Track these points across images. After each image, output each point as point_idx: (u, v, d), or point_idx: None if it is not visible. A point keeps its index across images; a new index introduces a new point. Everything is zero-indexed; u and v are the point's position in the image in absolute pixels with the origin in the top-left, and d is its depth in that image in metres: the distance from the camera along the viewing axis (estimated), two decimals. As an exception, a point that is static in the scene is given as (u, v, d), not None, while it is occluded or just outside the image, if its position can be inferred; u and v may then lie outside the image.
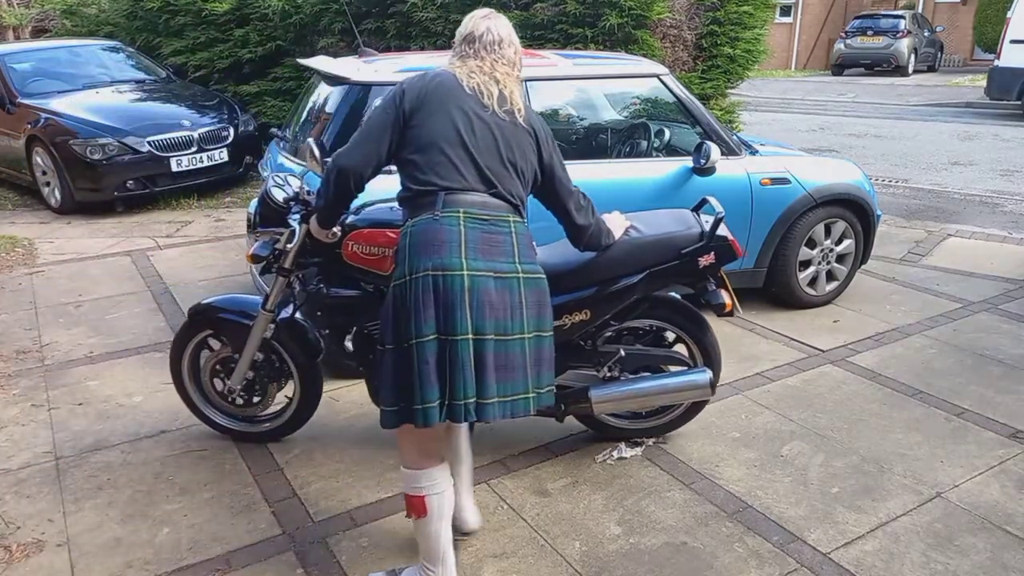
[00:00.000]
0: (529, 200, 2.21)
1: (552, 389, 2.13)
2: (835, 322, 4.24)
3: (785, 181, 4.07)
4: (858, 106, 13.88)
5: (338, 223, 2.41)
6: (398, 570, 2.31)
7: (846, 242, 4.38)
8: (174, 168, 6.65)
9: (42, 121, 6.64)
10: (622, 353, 2.80)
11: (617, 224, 2.58)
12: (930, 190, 7.51)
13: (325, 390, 3.06)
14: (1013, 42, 11.75)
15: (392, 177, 2.19)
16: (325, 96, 3.81)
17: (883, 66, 19.11)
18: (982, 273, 4.98)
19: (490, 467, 2.91)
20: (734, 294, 2.80)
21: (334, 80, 3.77)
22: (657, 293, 2.79)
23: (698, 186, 3.81)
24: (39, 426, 3.24)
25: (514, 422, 3.03)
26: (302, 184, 2.62)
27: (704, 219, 2.76)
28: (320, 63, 4.05)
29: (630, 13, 6.21)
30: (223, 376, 2.96)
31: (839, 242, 4.37)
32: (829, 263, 4.40)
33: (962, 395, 3.43)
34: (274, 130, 4.47)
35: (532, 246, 2.15)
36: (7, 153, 7.16)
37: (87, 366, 3.78)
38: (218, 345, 3.00)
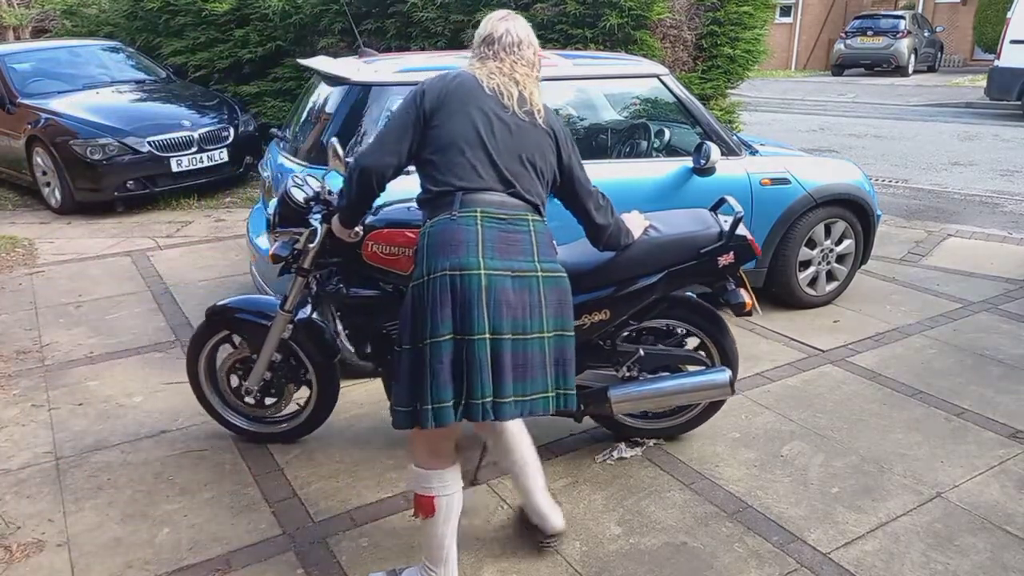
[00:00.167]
0: None
1: (573, 393, 2.12)
2: (835, 322, 4.24)
3: (785, 181, 4.07)
4: (858, 106, 13.88)
5: (360, 223, 2.42)
6: (398, 570, 2.31)
7: (846, 242, 4.38)
8: (174, 168, 6.65)
9: (42, 121, 6.65)
10: (641, 353, 2.80)
11: (636, 224, 2.59)
12: (930, 190, 7.51)
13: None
14: (1013, 42, 11.75)
15: (410, 177, 2.20)
16: (325, 96, 3.81)
17: (883, 66, 19.11)
18: (982, 273, 4.98)
19: (490, 467, 2.90)
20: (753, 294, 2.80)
21: (334, 80, 3.77)
22: (675, 293, 2.79)
23: (698, 186, 3.81)
24: (39, 426, 3.24)
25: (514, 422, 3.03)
26: (323, 184, 2.63)
27: (722, 219, 2.77)
28: (320, 63, 4.05)
29: (630, 13, 6.21)
30: (240, 377, 2.96)
31: (839, 242, 4.37)
32: (829, 263, 4.40)
33: (962, 395, 3.43)
34: (274, 130, 4.46)
35: (552, 245, 2.16)
36: (7, 153, 7.17)
37: (87, 366, 3.79)
38: (230, 349, 2.99)
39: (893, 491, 2.75)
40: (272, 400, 2.99)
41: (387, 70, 3.67)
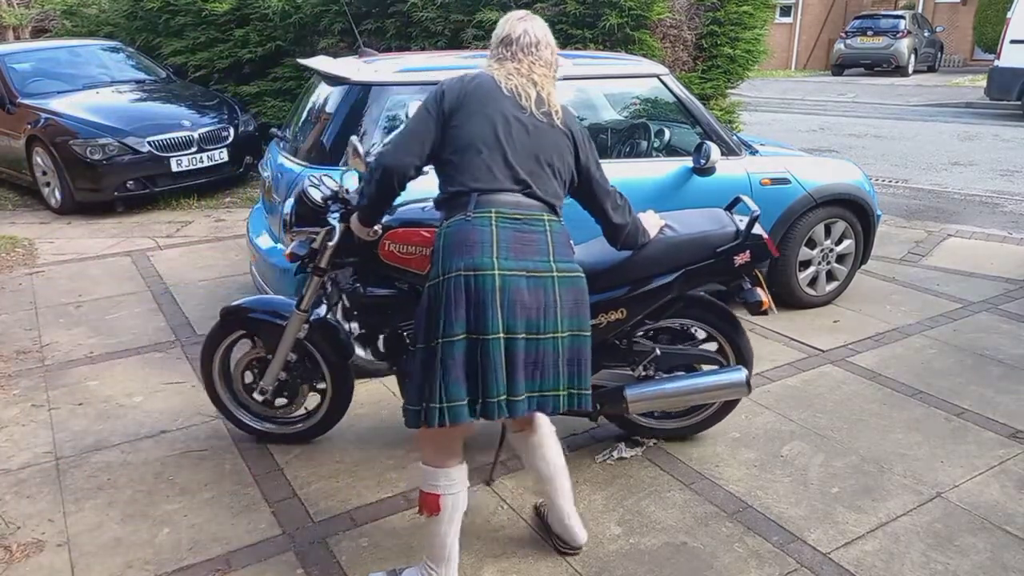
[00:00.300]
0: None
1: (588, 393, 2.13)
2: (835, 322, 4.24)
3: (785, 181, 4.07)
4: (858, 106, 13.88)
5: (378, 221, 2.42)
6: (398, 570, 2.31)
7: (846, 242, 4.38)
8: (174, 168, 6.65)
9: (42, 121, 6.65)
10: (657, 352, 2.80)
11: (652, 223, 2.59)
12: (930, 190, 7.51)
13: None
14: (1013, 42, 11.76)
15: (426, 177, 2.21)
16: (325, 96, 3.81)
17: (883, 66, 19.11)
18: (982, 273, 4.98)
19: (490, 467, 2.90)
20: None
21: (334, 80, 3.77)
22: (690, 292, 2.78)
23: (698, 186, 3.81)
24: (39, 426, 3.24)
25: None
26: (341, 183, 2.63)
27: (738, 218, 2.77)
28: (320, 63, 4.05)
29: (630, 13, 6.21)
30: (255, 377, 2.96)
31: (839, 242, 4.37)
32: (829, 263, 4.40)
33: (962, 395, 3.43)
34: (274, 130, 4.46)
35: (569, 244, 2.17)
36: (7, 153, 7.17)
37: (87, 366, 3.79)
38: (244, 349, 2.98)
39: (893, 491, 2.75)
40: (283, 401, 2.98)
41: (387, 70, 3.67)
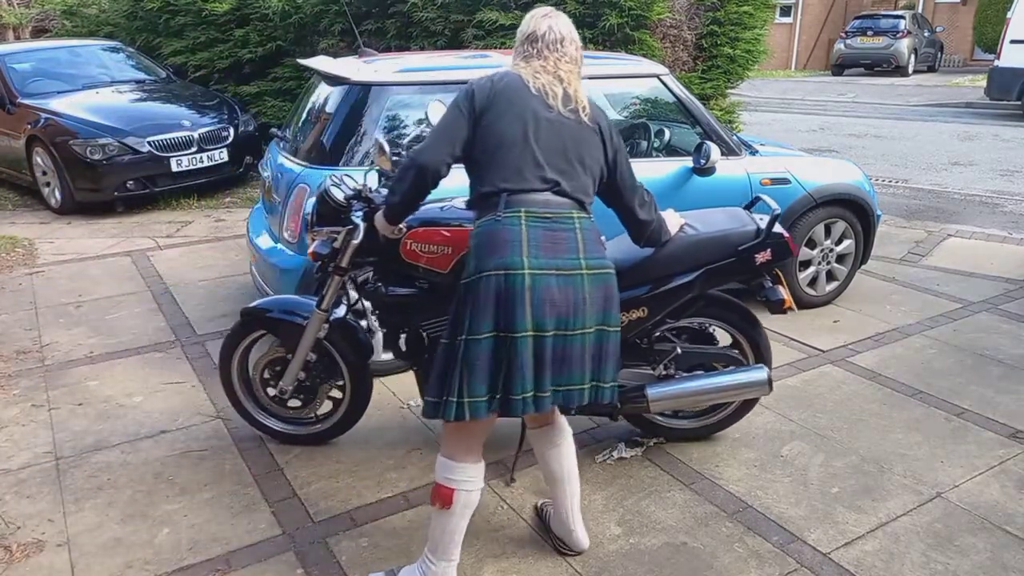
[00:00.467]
0: None
1: (615, 385, 2.16)
2: (835, 322, 4.24)
3: (785, 181, 4.07)
4: (858, 106, 13.88)
5: (404, 220, 2.41)
6: (396, 569, 2.31)
7: (846, 242, 4.38)
8: (174, 168, 6.65)
9: (42, 121, 6.65)
10: (679, 351, 2.80)
11: (672, 222, 2.59)
12: (930, 190, 7.51)
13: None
14: (1013, 42, 11.76)
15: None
16: (325, 96, 3.81)
17: (883, 66, 19.11)
18: (982, 273, 4.98)
19: (490, 467, 2.89)
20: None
21: (334, 80, 3.77)
22: (710, 291, 2.78)
23: (698, 186, 3.81)
24: (39, 426, 3.24)
25: (514, 422, 3.03)
26: (365, 182, 2.63)
27: (757, 217, 2.77)
28: (320, 63, 4.05)
29: (630, 13, 6.21)
30: (273, 378, 2.95)
31: (839, 242, 4.37)
32: (829, 263, 4.40)
33: (962, 395, 3.43)
34: (274, 130, 4.46)
35: (600, 241, 2.18)
36: (7, 153, 7.17)
37: (87, 366, 3.78)
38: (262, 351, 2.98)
39: (893, 491, 2.75)
40: (296, 403, 2.97)
41: (387, 70, 3.67)
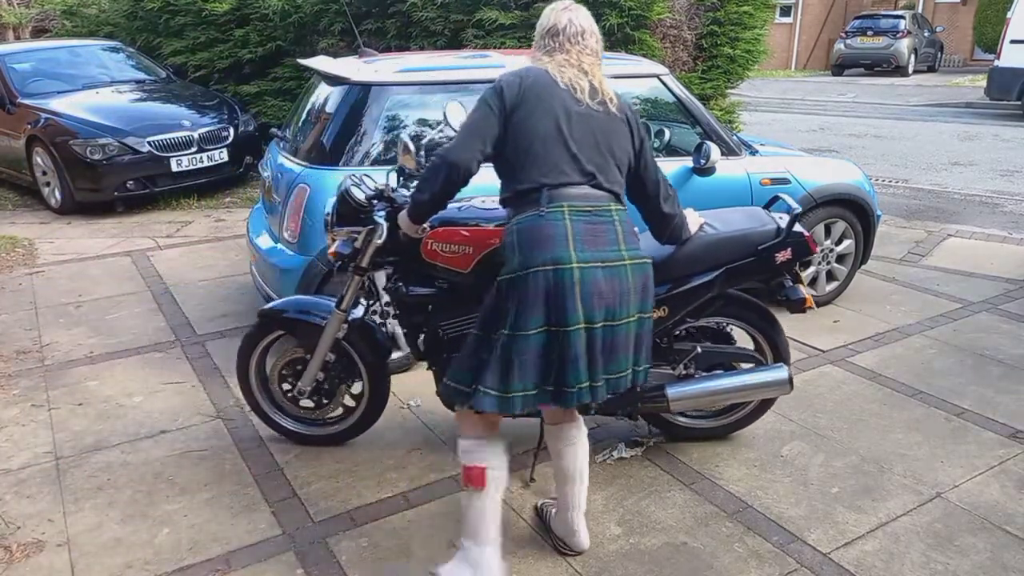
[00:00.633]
0: None
1: (648, 367, 2.21)
2: (835, 322, 4.23)
3: (785, 181, 4.07)
4: (858, 106, 13.88)
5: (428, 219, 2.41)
6: (436, 570, 2.29)
7: (846, 242, 4.38)
8: (174, 168, 6.65)
9: (42, 121, 6.64)
10: (699, 350, 2.80)
11: (692, 220, 2.59)
12: (930, 190, 7.51)
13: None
14: (1013, 42, 11.75)
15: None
16: (325, 96, 3.81)
17: (883, 66, 19.11)
18: (982, 273, 4.98)
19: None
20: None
21: (334, 80, 3.77)
22: (729, 290, 2.78)
23: (698, 186, 3.81)
24: (39, 426, 3.24)
25: (514, 422, 3.03)
26: (388, 182, 2.62)
27: (776, 216, 2.77)
28: (320, 63, 4.05)
29: (630, 13, 6.21)
30: (291, 379, 2.94)
31: (839, 242, 4.37)
32: (829, 263, 4.40)
33: (962, 395, 3.43)
34: (274, 130, 4.46)
35: (635, 232, 2.20)
36: (7, 153, 7.16)
37: (87, 366, 3.78)
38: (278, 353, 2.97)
39: (893, 491, 2.75)
40: (310, 404, 2.96)
41: (387, 70, 3.67)
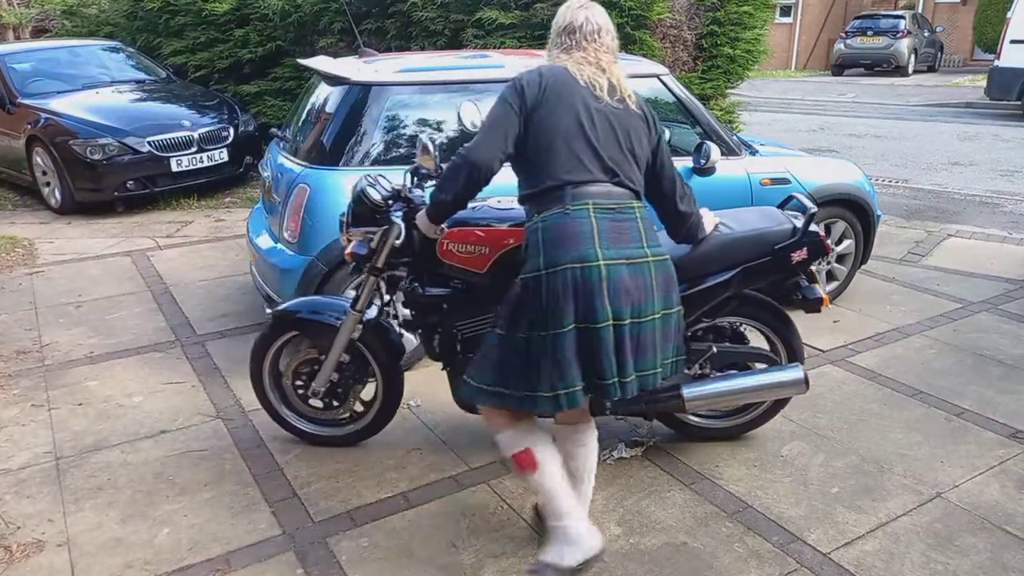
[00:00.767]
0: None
1: (681, 359, 2.24)
2: (835, 322, 4.23)
3: (785, 181, 4.07)
4: (858, 106, 13.88)
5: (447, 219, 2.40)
6: (536, 563, 2.28)
7: (846, 242, 4.38)
8: (174, 168, 6.65)
9: (42, 121, 6.64)
10: (714, 350, 2.79)
11: (707, 220, 2.59)
12: (930, 190, 7.51)
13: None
14: (1013, 42, 11.75)
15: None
16: (325, 96, 3.81)
17: (883, 66, 19.11)
18: (982, 273, 4.98)
19: (490, 467, 2.90)
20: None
21: (334, 80, 3.77)
22: (744, 290, 2.77)
23: (698, 186, 3.78)
24: (39, 426, 3.24)
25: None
26: (406, 183, 2.62)
27: (791, 215, 2.77)
28: (320, 63, 4.04)
29: (630, 13, 6.21)
30: (305, 380, 2.94)
31: (839, 242, 4.37)
32: (829, 263, 4.40)
33: (962, 395, 3.43)
34: (274, 130, 4.46)
35: (654, 229, 2.21)
36: (7, 153, 7.16)
37: (87, 366, 3.78)
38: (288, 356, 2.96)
39: (893, 491, 2.75)
40: (338, 402, 2.96)
41: (387, 70, 3.67)
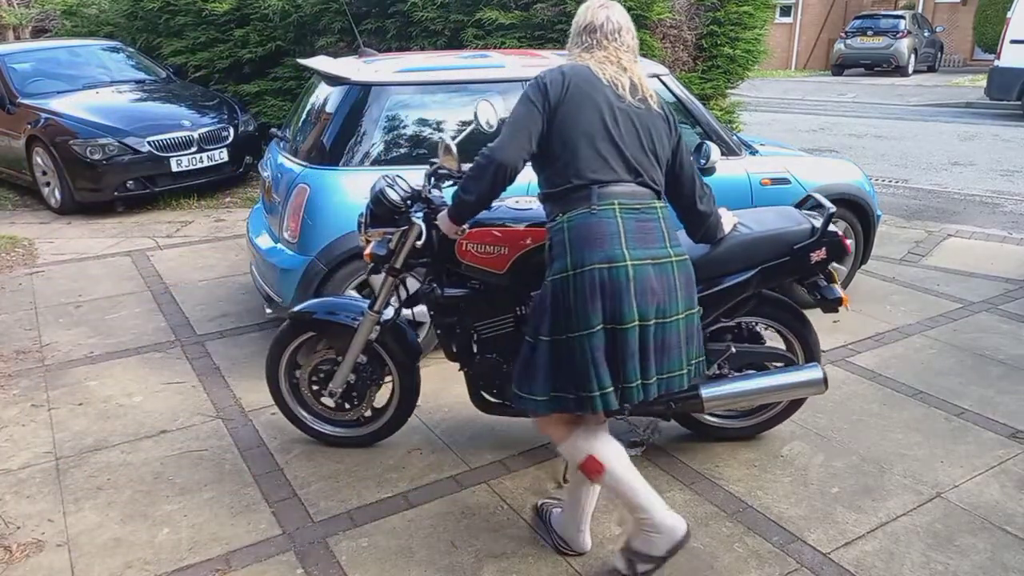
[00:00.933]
0: None
1: (703, 360, 2.23)
2: (835, 322, 4.23)
3: (785, 181, 4.07)
4: (858, 106, 13.88)
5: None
6: (627, 543, 2.29)
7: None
8: (174, 168, 6.65)
9: (42, 121, 6.65)
10: (733, 350, 2.79)
11: (726, 220, 2.58)
12: (930, 190, 7.51)
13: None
14: (1013, 42, 11.75)
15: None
16: (325, 96, 3.81)
17: (883, 66, 19.11)
18: (982, 273, 4.98)
19: (490, 467, 2.90)
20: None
21: (334, 80, 3.77)
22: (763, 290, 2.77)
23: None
24: (39, 426, 3.24)
25: (513, 422, 3.03)
26: (426, 183, 2.61)
27: (810, 215, 2.77)
28: (320, 63, 4.05)
29: (630, 13, 6.18)
30: (322, 381, 2.93)
31: (839, 242, 4.36)
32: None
33: (962, 395, 3.43)
34: (274, 130, 4.46)
35: (675, 229, 2.20)
36: (7, 153, 7.16)
37: (87, 366, 3.78)
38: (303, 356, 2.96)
39: (893, 491, 2.75)
40: (355, 403, 2.95)
41: (387, 70, 3.67)
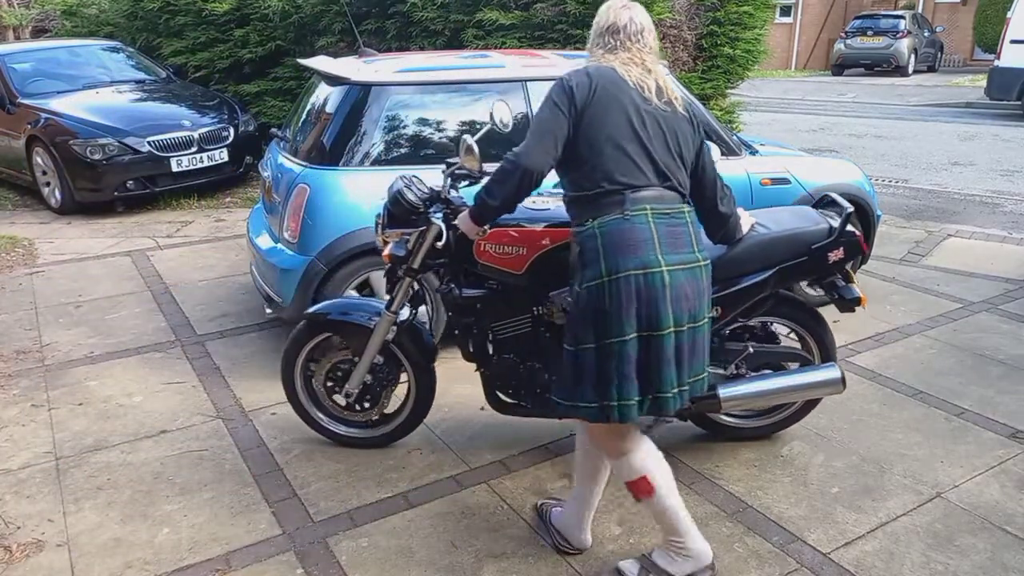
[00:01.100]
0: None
1: (708, 370, 2.22)
2: (835, 322, 4.21)
3: (785, 181, 4.07)
4: (858, 106, 13.88)
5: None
6: (648, 554, 2.31)
7: (846, 242, 4.38)
8: (174, 168, 6.65)
9: (42, 121, 6.65)
10: (750, 350, 2.78)
11: (744, 220, 2.57)
12: (930, 190, 7.51)
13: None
14: (1013, 42, 11.75)
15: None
16: (325, 96, 3.81)
17: (883, 66, 19.11)
18: (982, 273, 4.98)
19: (490, 467, 2.90)
20: None
21: (334, 80, 3.77)
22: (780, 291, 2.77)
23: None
24: (39, 426, 3.24)
25: (513, 422, 3.03)
26: (445, 184, 2.61)
27: (827, 215, 2.77)
28: (320, 63, 4.05)
29: (630, 13, 6.20)
30: (339, 380, 2.93)
31: (839, 242, 4.36)
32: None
33: (962, 395, 3.43)
34: (274, 130, 4.46)
35: (700, 233, 2.20)
36: (7, 153, 7.16)
37: (87, 366, 3.78)
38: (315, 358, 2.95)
39: (893, 491, 2.75)
40: (370, 404, 2.95)
41: (387, 70, 3.68)
